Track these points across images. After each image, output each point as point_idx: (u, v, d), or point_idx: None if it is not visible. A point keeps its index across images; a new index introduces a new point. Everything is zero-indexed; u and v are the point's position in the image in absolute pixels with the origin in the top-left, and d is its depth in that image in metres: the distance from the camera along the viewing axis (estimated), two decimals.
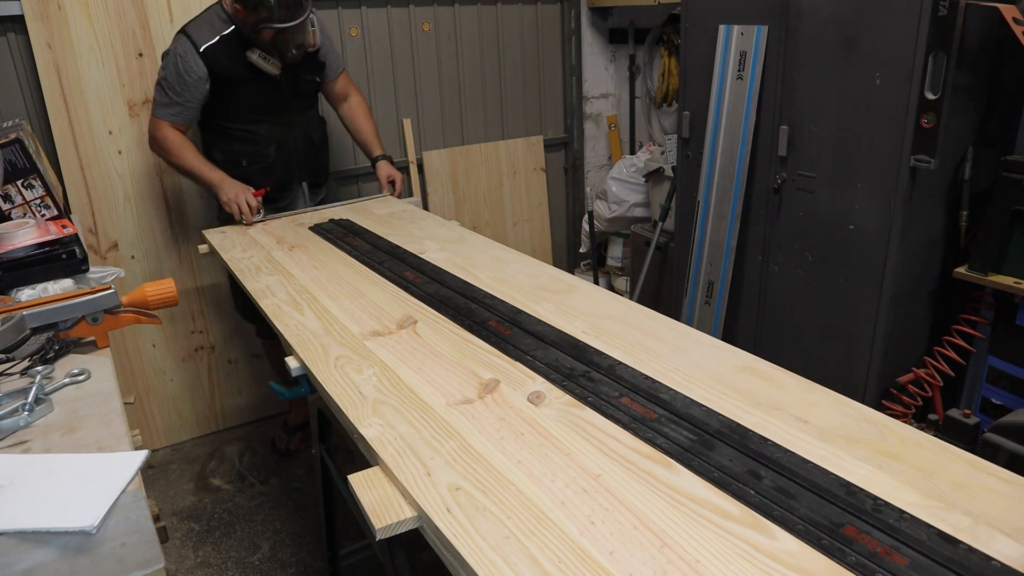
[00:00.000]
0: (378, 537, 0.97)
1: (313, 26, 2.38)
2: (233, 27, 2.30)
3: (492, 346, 1.40)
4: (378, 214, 2.39)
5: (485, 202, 3.71)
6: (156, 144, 2.39)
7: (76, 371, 1.26)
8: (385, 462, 1.06)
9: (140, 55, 2.65)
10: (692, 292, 2.79)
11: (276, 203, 2.55)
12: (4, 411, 1.12)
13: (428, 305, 1.61)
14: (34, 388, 1.16)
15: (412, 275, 1.79)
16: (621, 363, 1.29)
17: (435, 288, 1.70)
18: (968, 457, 0.99)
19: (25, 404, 1.14)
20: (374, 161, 2.65)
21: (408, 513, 0.98)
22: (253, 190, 2.36)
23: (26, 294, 1.51)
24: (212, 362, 3.05)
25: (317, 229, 2.25)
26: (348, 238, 2.13)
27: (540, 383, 1.25)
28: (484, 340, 1.42)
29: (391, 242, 2.06)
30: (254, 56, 2.29)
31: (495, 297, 1.62)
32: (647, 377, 1.24)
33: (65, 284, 1.57)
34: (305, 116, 2.57)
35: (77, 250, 1.62)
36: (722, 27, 2.48)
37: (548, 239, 3.97)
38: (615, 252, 3.97)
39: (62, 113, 2.57)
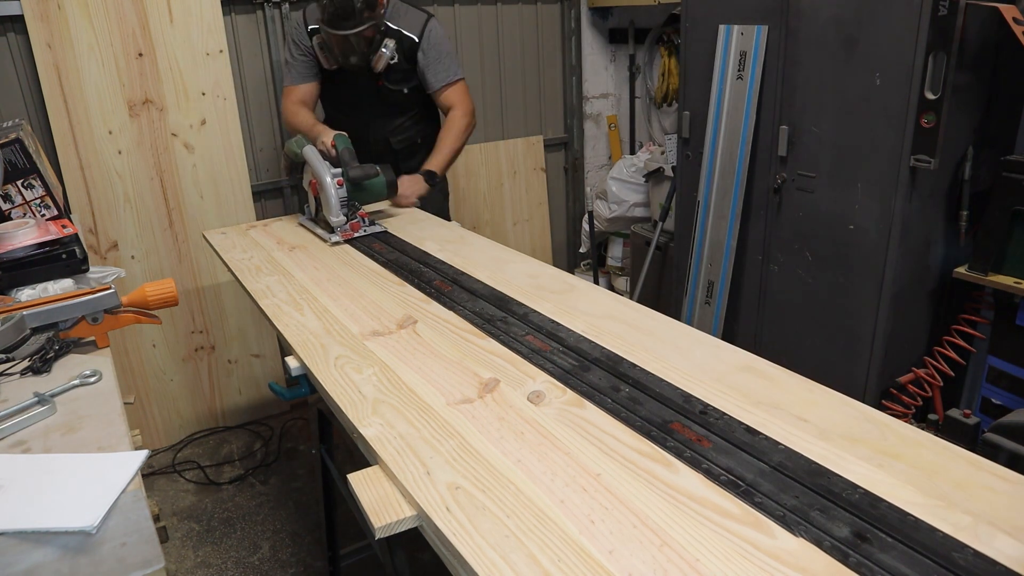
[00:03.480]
0: (377, 536, 0.97)
1: (384, 49, 2.39)
2: None
3: (486, 333, 1.40)
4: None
5: (485, 202, 3.71)
6: (283, 111, 2.57)
7: (88, 372, 1.26)
8: (385, 461, 1.06)
9: (140, 55, 2.65)
10: (692, 292, 2.79)
11: None
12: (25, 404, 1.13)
13: (432, 298, 1.61)
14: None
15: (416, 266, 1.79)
16: (619, 356, 1.29)
17: (451, 287, 1.70)
18: (969, 456, 0.99)
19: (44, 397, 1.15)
20: (421, 172, 2.52)
21: (408, 512, 0.98)
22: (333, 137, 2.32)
23: (26, 294, 1.51)
24: (212, 362, 3.05)
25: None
26: None
27: (540, 383, 1.25)
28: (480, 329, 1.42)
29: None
30: (315, 43, 2.42)
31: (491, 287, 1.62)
32: (649, 373, 1.24)
33: (65, 284, 1.57)
34: (387, 121, 2.59)
35: (77, 250, 1.62)
36: (722, 27, 2.49)
37: (548, 239, 3.97)
38: (615, 252, 3.97)
39: (62, 113, 2.57)
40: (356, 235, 2.11)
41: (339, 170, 2.13)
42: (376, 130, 2.59)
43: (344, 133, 2.26)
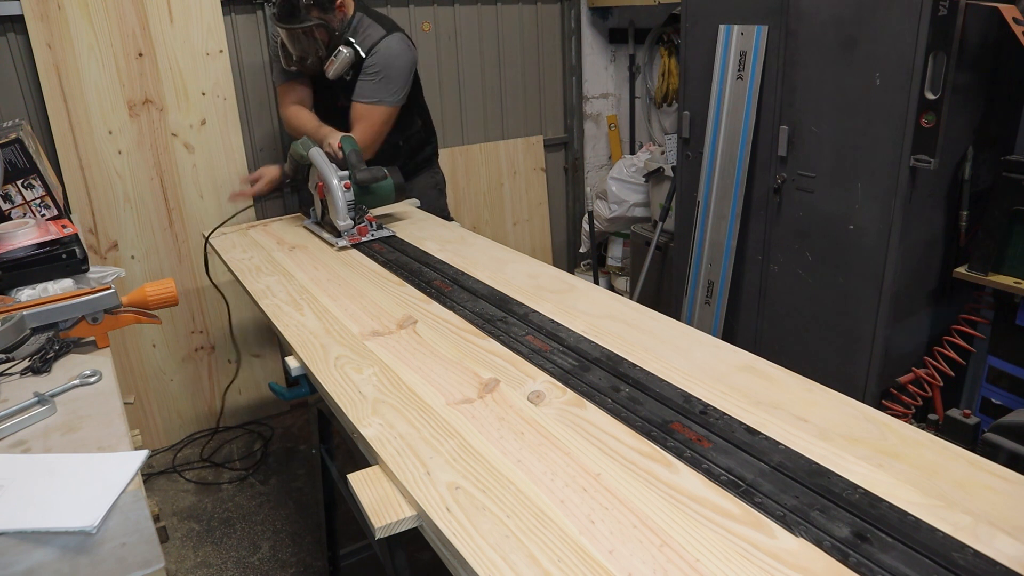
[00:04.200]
0: (377, 536, 0.97)
1: (335, 57, 2.36)
2: None
3: (486, 333, 1.40)
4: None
5: (485, 202, 3.71)
6: (281, 113, 2.61)
7: (88, 372, 1.26)
8: (385, 461, 1.06)
9: (140, 55, 2.65)
10: (692, 292, 2.79)
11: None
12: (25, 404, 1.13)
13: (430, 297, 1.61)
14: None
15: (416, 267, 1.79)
16: (619, 356, 1.29)
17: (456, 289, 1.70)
18: (968, 456, 0.99)
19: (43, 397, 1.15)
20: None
21: (408, 512, 0.98)
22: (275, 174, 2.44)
23: (26, 294, 1.51)
24: (212, 362, 3.05)
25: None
26: None
27: (540, 383, 1.25)
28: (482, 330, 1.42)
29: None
30: (278, 42, 2.40)
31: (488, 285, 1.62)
32: (649, 373, 1.24)
33: (65, 284, 1.57)
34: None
35: (77, 250, 1.62)
36: (722, 27, 2.48)
37: (548, 239, 3.97)
38: (615, 252, 3.97)
39: (62, 113, 2.57)
40: (364, 239, 2.08)
41: (346, 173, 2.10)
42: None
43: (351, 135, 2.24)
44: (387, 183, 2.17)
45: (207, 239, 2.25)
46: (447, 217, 2.73)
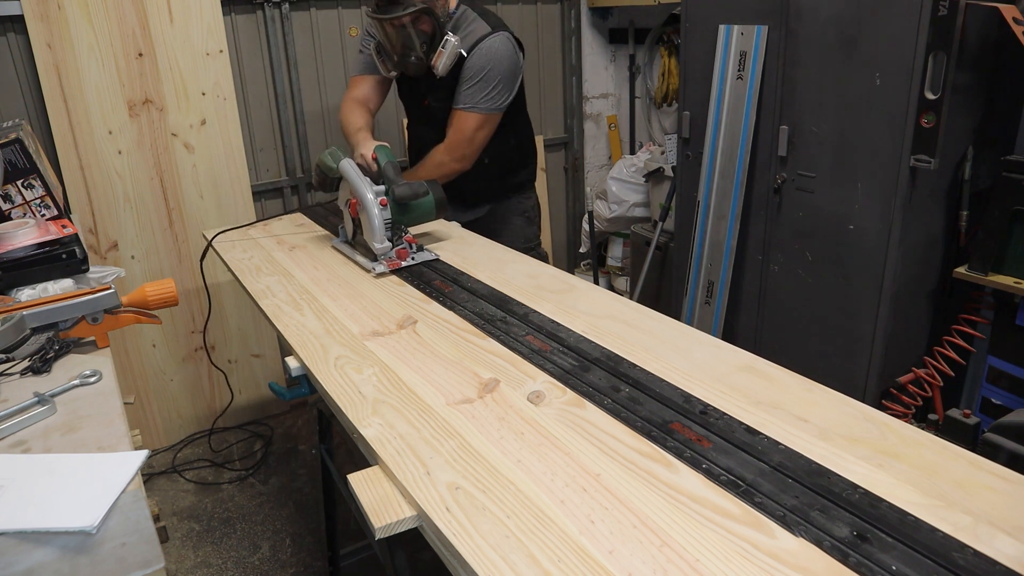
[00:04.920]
0: (377, 536, 0.97)
1: (444, 48, 2.12)
2: None
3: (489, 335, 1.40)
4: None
5: None
6: (340, 105, 2.36)
7: (88, 372, 1.26)
8: (385, 461, 1.06)
9: (140, 55, 2.65)
10: (692, 292, 2.79)
11: None
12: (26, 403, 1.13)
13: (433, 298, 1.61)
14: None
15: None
16: (619, 356, 1.29)
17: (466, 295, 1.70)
18: (969, 456, 0.99)
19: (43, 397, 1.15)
20: None
21: (408, 512, 0.98)
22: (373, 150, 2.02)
23: (26, 294, 1.51)
24: (212, 362, 3.05)
25: (314, 216, 2.29)
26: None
27: (540, 383, 1.25)
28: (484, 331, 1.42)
29: None
30: (371, 48, 2.25)
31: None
32: (649, 373, 1.24)
33: (65, 284, 1.57)
34: (439, 136, 2.29)
35: (77, 250, 1.62)
36: (722, 27, 2.49)
37: (548, 239, 3.97)
38: (615, 252, 3.97)
39: (62, 113, 2.57)
40: (404, 264, 1.84)
41: (382, 187, 1.87)
42: (429, 146, 2.31)
43: (386, 144, 2.01)
44: (428, 199, 1.93)
45: (209, 242, 2.23)
46: (533, 250, 2.48)
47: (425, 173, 2.20)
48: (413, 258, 1.86)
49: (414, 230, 1.98)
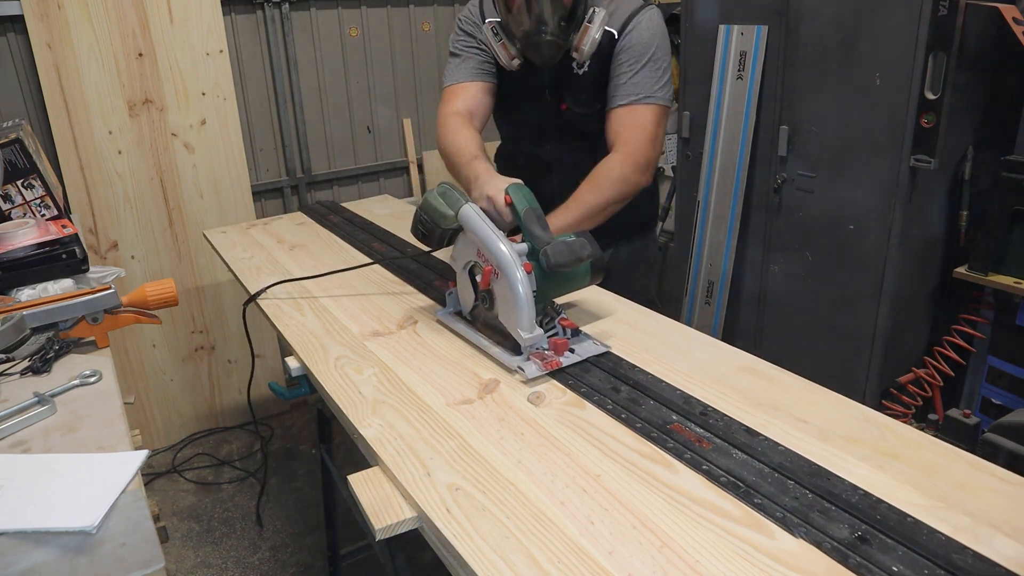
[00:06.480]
0: (378, 537, 0.97)
1: (591, 22, 1.62)
2: None
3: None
4: (378, 213, 2.39)
5: None
6: (439, 123, 1.84)
7: (88, 372, 1.26)
8: (385, 462, 1.06)
9: (140, 55, 2.65)
10: (692, 292, 2.79)
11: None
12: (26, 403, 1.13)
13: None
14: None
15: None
16: (619, 357, 1.29)
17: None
18: (969, 457, 0.99)
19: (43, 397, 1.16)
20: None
21: (408, 513, 0.98)
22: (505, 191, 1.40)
23: (26, 294, 1.51)
24: (212, 362, 3.05)
25: (314, 216, 2.30)
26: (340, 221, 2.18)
27: (540, 383, 1.25)
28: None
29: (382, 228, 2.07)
30: (487, 29, 1.71)
31: None
32: (649, 374, 1.24)
33: (65, 284, 1.57)
34: (580, 156, 1.76)
35: (77, 250, 1.62)
36: (722, 27, 2.49)
37: None
38: None
39: (62, 113, 2.57)
40: (565, 364, 1.27)
41: (525, 246, 1.29)
42: (562, 172, 1.81)
43: (520, 183, 1.41)
44: (584, 264, 1.34)
45: (253, 297, 1.91)
46: (650, 302, 1.65)
47: (595, 199, 1.61)
48: (577, 353, 1.30)
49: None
